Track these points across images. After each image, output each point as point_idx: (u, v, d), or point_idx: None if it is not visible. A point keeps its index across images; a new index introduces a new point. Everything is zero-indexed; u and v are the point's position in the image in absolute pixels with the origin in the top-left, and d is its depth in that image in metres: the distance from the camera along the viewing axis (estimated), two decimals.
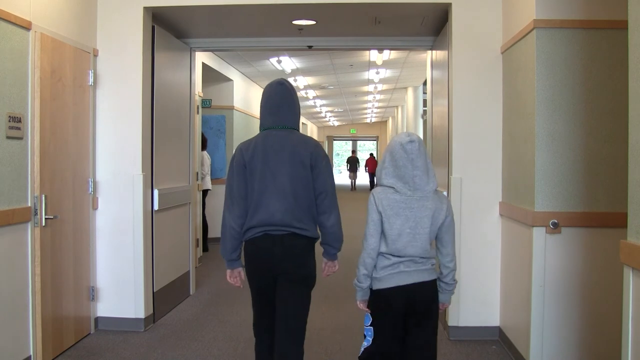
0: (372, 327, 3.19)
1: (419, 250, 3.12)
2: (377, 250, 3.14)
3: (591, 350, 4.27)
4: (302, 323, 3.42)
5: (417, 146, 3.11)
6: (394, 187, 3.13)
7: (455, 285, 3.28)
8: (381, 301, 3.17)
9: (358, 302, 3.28)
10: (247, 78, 13.00)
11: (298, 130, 3.57)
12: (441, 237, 3.18)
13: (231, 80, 11.39)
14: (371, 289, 3.20)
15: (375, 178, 3.39)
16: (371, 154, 32.50)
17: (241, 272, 3.53)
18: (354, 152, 34.12)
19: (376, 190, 3.20)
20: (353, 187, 30.17)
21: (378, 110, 27.62)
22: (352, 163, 30.46)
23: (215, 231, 10.94)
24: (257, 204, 3.37)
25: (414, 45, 6.97)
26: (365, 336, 3.24)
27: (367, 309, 3.25)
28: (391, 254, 3.13)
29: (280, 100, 3.50)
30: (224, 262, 3.52)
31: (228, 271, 3.53)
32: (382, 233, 3.13)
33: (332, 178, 3.50)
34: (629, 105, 2.57)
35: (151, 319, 5.72)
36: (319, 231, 3.48)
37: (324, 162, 3.45)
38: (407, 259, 3.12)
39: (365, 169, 30.86)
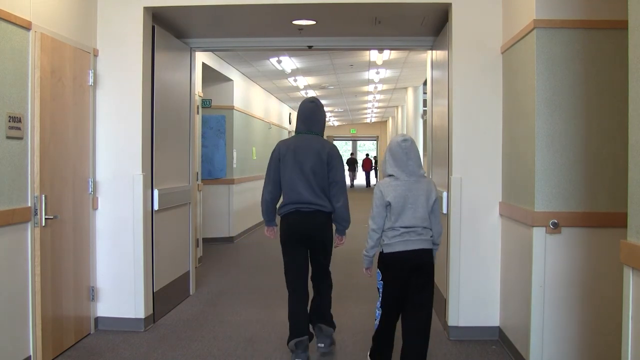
0: (382, 283, 4.09)
1: (419, 221, 4.01)
2: (382, 228, 4.04)
3: (591, 350, 4.27)
4: (328, 266, 4.98)
5: (410, 143, 4.10)
6: (394, 175, 4.05)
7: (437, 249, 4.20)
8: (390, 261, 4.05)
9: (365, 270, 4.30)
10: (247, 78, 13.00)
11: (322, 136, 4.87)
12: (433, 209, 4.08)
13: (231, 80, 11.40)
14: (382, 253, 4.08)
15: (369, 175, 5.01)
16: (367, 155, 36.07)
17: (275, 229, 4.96)
18: (352, 154, 38.13)
19: (380, 183, 4.12)
20: (352, 184, 33.69)
21: (378, 110, 27.61)
22: (351, 164, 34.28)
23: (210, 231, 10.95)
24: (288, 187, 4.69)
25: (414, 45, 6.97)
26: (378, 289, 4.13)
27: (369, 273, 4.30)
28: (399, 226, 3.99)
29: (310, 114, 4.82)
30: (221, 262, 3.72)
31: (266, 227, 4.97)
32: (390, 212, 4.00)
33: (342, 172, 4.79)
34: (629, 105, 2.57)
35: (151, 319, 5.72)
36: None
37: (337, 160, 4.75)
38: (411, 229, 4.00)
39: (362, 168, 34.74)
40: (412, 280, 4.01)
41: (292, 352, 4.78)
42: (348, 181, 33.79)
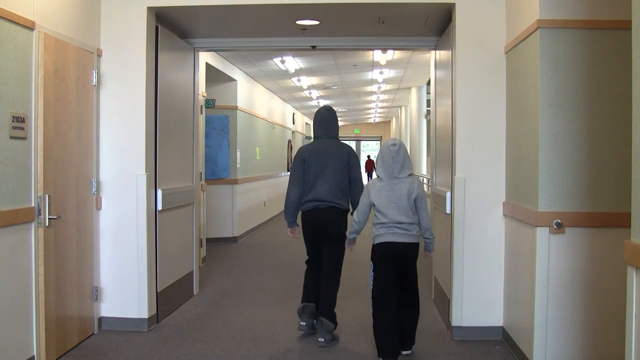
0: (373, 273, 4.72)
1: (404, 217, 4.60)
2: (365, 221, 4.82)
3: (595, 350, 4.26)
4: (340, 260, 5.37)
5: (397, 148, 4.68)
6: (379, 177, 4.70)
7: (434, 239, 4.87)
8: (379, 251, 4.69)
9: (349, 247, 5.14)
10: (251, 78, 13.01)
11: (338, 138, 5.52)
12: (417, 206, 4.64)
13: (235, 80, 11.40)
14: (374, 244, 4.71)
15: (371, 175, 5.46)
16: (368, 156, 37.36)
17: (296, 229, 5.55)
18: None
19: (369, 183, 4.80)
20: None
21: (382, 110, 27.61)
22: None
23: (214, 231, 10.95)
24: (311, 186, 5.28)
25: (417, 45, 6.97)
26: (370, 280, 4.77)
27: (350, 248, 5.15)
28: (388, 221, 4.61)
29: (327, 120, 5.48)
30: (225, 262, 3.72)
31: (289, 229, 5.56)
32: (375, 208, 4.67)
33: (360, 170, 5.45)
34: (633, 105, 2.56)
35: (155, 319, 5.73)
36: (349, 205, 5.37)
37: (355, 160, 5.39)
38: (397, 224, 4.60)
39: (365, 169, 35.44)
40: (399, 267, 4.66)
41: (299, 315, 5.45)
42: None
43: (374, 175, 4.92)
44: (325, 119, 5.45)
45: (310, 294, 5.47)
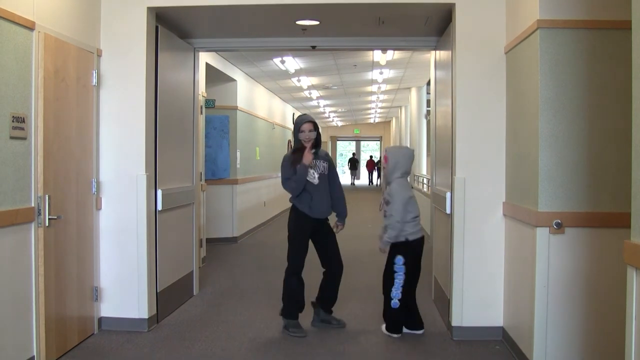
0: (404, 267, 5.33)
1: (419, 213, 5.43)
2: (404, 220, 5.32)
3: (595, 351, 4.26)
4: (288, 253, 5.61)
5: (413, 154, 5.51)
6: (403, 177, 5.40)
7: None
8: (414, 245, 5.34)
9: (383, 248, 5.47)
10: (251, 78, 13.01)
11: (293, 142, 5.79)
12: None
13: (235, 80, 11.40)
14: (409, 241, 5.31)
15: (383, 174, 5.87)
16: (371, 157, 38.47)
17: None
18: (354, 154, 41.15)
19: (397, 182, 5.38)
20: (352, 183, 36.44)
21: (382, 110, 27.58)
22: (353, 163, 37.14)
23: (214, 232, 10.95)
24: None
25: (417, 45, 6.97)
26: (400, 272, 5.36)
27: (385, 251, 5.50)
28: (415, 216, 5.34)
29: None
30: (225, 262, 3.76)
31: None
32: (411, 205, 5.31)
33: (284, 171, 5.62)
34: (633, 105, 2.56)
35: (155, 319, 5.72)
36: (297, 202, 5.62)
37: (281, 166, 5.69)
38: (418, 218, 5.39)
39: (366, 168, 37.50)
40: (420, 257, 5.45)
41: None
42: (349, 181, 36.84)
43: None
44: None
45: (318, 292, 5.85)
